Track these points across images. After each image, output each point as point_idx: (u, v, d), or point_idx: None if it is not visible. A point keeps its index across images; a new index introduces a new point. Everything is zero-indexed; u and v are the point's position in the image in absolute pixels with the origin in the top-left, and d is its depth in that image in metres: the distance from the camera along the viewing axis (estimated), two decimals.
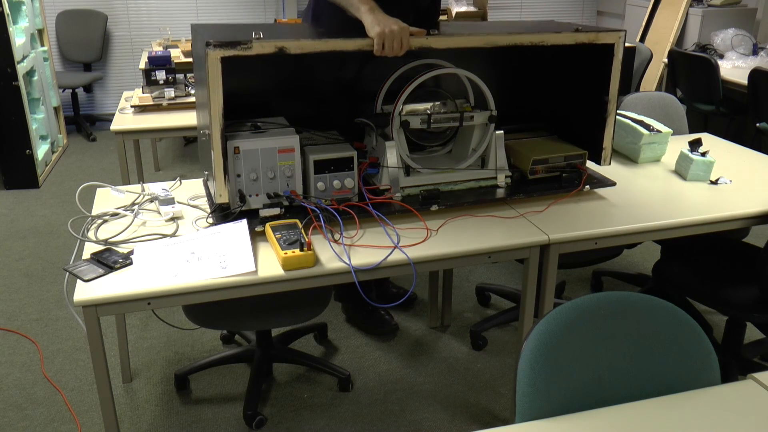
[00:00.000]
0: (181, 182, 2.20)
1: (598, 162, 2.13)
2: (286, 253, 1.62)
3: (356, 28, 1.86)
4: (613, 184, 2.13)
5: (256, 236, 1.78)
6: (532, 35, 1.90)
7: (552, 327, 1.23)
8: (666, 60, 5.03)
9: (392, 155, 1.93)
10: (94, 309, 1.53)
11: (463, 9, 6.08)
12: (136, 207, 1.96)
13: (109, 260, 1.65)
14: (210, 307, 2.08)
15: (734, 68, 4.73)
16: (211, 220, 1.86)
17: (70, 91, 5.75)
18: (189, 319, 2.09)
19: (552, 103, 2.32)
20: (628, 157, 2.51)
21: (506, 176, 2.08)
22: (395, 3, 1.97)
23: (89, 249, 1.73)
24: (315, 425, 2.29)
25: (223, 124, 1.70)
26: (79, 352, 2.68)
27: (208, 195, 2.02)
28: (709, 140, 2.73)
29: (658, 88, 5.31)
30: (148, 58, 3.33)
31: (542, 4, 6.93)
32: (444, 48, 1.84)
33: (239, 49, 1.64)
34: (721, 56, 4.92)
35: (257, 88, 2.08)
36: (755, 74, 4.08)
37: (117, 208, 1.95)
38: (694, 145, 2.31)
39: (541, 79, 2.33)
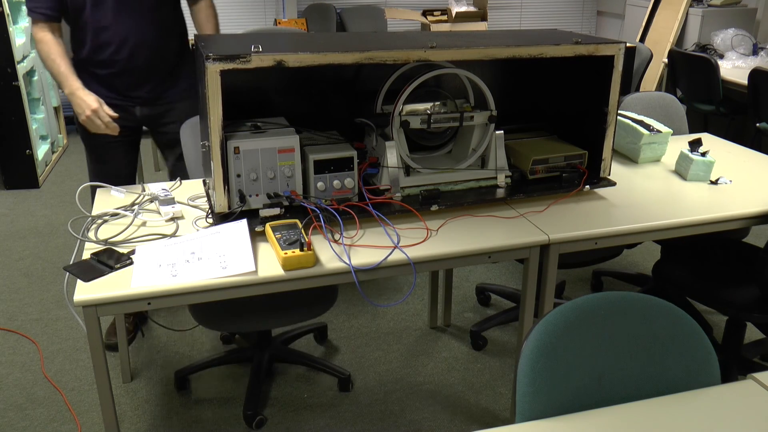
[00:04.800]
0: (181, 182, 2.20)
1: (597, 173, 2.12)
2: (286, 253, 1.62)
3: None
4: (613, 184, 2.13)
5: (256, 236, 1.78)
6: (531, 48, 1.90)
7: (552, 327, 1.23)
8: (666, 60, 5.03)
9: (392, 155, 1.93)
10: (94, 309, 1.53)
11: (463, 9, 6.09)
12: (136, 207, 1.96)
13: (109, 260, 1.65)
14: (212, 307, 2.08)
15: (734, 68, 4.72)
16: (211, 220, 1.86)
17: None
18: (195, 319, 2.10)
19: (552, 103, 2.32)
20: (628, 157, 2.51)
21: (506, 176, 2.08)
22: None
23: (89, 249, 1.73)
24: (315, 425, 2.29)
25: (222, 136, 1.71)
26: (79, 352, 2.68)
27: (209, 196, 2.02)
28: (709, 140, 2.73)
29: (658, 88, 5.31)
30: None
31: (542, 4, 6.94)
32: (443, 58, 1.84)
33: (238, 63, 1.66)
34: (721, 56, 4.92)
35: (257, 88, 2.09)
36: (755, 74, 4.08)
37: (117, 209, 1.95)
38: (694, 145, 2.31)
39: (541, 79, 2.33)
